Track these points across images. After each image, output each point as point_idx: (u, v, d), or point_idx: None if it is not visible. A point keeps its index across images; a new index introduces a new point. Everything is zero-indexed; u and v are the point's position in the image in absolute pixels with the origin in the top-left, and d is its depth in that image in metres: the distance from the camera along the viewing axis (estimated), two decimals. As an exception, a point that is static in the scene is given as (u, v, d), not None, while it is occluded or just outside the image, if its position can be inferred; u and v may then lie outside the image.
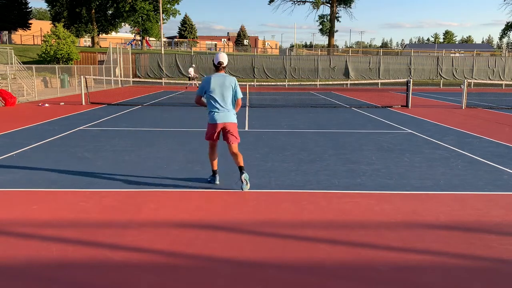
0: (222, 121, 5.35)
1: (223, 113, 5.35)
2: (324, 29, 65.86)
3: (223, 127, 5.38)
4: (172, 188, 5.55)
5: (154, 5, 51.96)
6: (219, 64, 5.41)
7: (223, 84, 5.33)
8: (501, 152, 8.01)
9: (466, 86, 17.06)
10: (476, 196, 5.32)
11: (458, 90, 28.63)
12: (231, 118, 5.41)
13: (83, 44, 64.77)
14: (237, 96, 5.46)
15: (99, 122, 11.70)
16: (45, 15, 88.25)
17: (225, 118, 5.36)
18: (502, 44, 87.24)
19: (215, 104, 5.35)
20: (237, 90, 5.44)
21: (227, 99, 5.37)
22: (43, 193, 5.27)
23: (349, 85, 33.72)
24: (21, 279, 3.19)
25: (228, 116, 5.37)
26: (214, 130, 5.42)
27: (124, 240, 3.89)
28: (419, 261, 3.54)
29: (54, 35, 31.11)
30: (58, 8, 50.90)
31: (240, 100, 5.52)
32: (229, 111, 5.40)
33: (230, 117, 5.40)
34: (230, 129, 5.39)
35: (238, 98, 5.48)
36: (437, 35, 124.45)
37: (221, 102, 5.34)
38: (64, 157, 7.34)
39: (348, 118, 13.15)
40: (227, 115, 5.37)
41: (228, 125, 5.38)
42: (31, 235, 4.00)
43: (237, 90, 5.43)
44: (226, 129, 5.39)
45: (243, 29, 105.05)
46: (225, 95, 5.34)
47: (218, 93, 5.32)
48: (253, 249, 3.74)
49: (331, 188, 5.63)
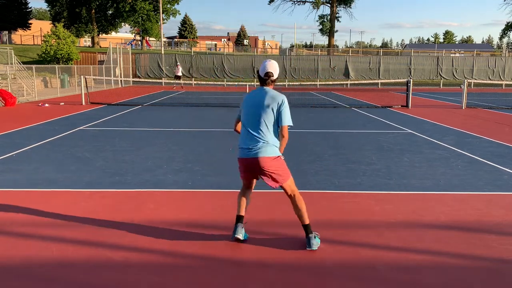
0: (248, 155, 3.69)
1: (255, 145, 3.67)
2: (324, 29, 65.88)
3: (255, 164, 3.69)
4: (172, 188, 5.55)
5: (154, 5, 51.98)
6: (266, 77, 3.75)
7: (261, 103, 3.68)
8: (501, 152, 8.01)
9: (466, 86, 17.06)
10: (476, 196, 5.32)
11: (458, 90, 28.62)
12: (264, 151, 3.65)
13: (83, 44, 64.77)
14: (282, 122, 3.67)
15: (99, 122, 11.70)
16: (45, 15, 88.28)
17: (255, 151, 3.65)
18: (502, 44, 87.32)
19: (244, 130, 3.78)
20: (283, 114, 3.66)
21: (261, 125, 3.67)
22: (43, 193, 5.27)
23: (349, 85, 33.72)
24: (21, 279, 3.18)
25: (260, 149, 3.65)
26: (242, 167, 3.84)
27: (124, 240, 3.89)
28: (419, 261, 3.54)
29: (54, 35, 31.12)
30: (58, 8, 50.93)
31: (285, 129, 3.70)
32: (265, 142, 3.66)
33: (263, 150, 3.65)
34: (265, 167, 3.66)
35: (282, 125, 3.68)
36: (437, 35, 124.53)
37: (252, 128, 3.70)
38: (64, 157, 7.34)
39: (348, 118, 13.14)
40: (260, 148, 3.65)
41: (261, 160, 3.65)
42: (31, 235, 4.00)
43: (282, 113, 3.66)
44: (261, 167, 3.67)
45: (243, 29, 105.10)
46: (260, 119, 3.67)
47: (250, 115, 3.72)
48: (253, 249, 3.74)
49: (331, 188, 5.63)
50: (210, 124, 11.59)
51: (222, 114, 14.02)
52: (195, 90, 27.30)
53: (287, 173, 3.79)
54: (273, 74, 3.75)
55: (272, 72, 3.75)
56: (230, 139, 9.31)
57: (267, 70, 3.74)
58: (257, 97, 3.73)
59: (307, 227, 3.80)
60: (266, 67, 3.75)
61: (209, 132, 10.17)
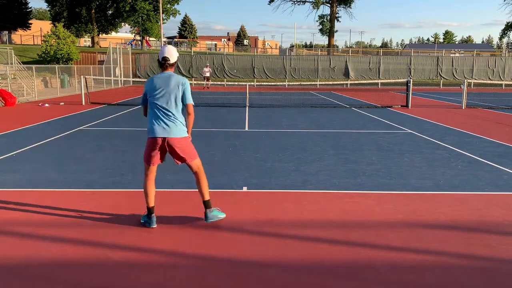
0: (163, 135, 4.01)
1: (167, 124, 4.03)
2: (324, 29, 65.91)
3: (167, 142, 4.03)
4: (172, 188, 5.55)
5: (154, 5, 51.97)
6: (163, 61, 4.10)
7: (167, 85, 4.04)
8: (501, 152, 8.01)
9: (466, 86, 17.06)
10: (476, 196, 5.32)
11: (458, 90, 28.62)
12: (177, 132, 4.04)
13: (83, 44, 64.75)
14: (186, 101, 4.06)
15: (99, 122, 11.70)
16: (45, 15, 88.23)
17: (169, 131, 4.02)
18: (502, 44, 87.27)
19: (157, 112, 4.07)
20: (186, 93, 4.06)
21: (171, 105, 4.04)
22: (43, 193, 5.27)
23: (349, 85, 33.71)
24: (21, 279, 3.18)
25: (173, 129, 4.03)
26: (154, 146, 4.06)
27: (124, 240, 3.89)
28: (419, 261, 3.54)
29: (54, 35, 31.11)
30: (58, 8, 50.88)
31: (191, 106, 4.10)
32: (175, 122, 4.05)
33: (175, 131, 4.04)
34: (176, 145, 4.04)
35: (187, 103, 4.07)
36: (437, 35, 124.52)
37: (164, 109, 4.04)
38: (64, 157, 7.34)
39: (348, 118, 13.14)
40: (172, 128, 4.03)
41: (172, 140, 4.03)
42: (31, 235, 4.00)
43: (185, 93, 4.06)
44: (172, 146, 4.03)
45: (243, 29, 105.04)
46: (170, 100, 4.03)
47: (160, 97, 4.04)
48: (253, 249, 3.74)
49: (331, 188, 5.63)
50: (210, 124, 11.58)
51: (222, 114, 14.02)
52: (195, 90, 27.30)
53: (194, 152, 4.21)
54: (169, 58, 4.10)
55: (168, 57, 4.09)
56: (230, 139, 9.32)
57: (163, 55, 4.09)
58: (164, 81, 4.05)
59: (207, 203, 4.25)
60: (163, 52, 4.11)
61: (208, 132, 10.17)
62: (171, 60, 4.11)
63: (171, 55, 4.11)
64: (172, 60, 4.12)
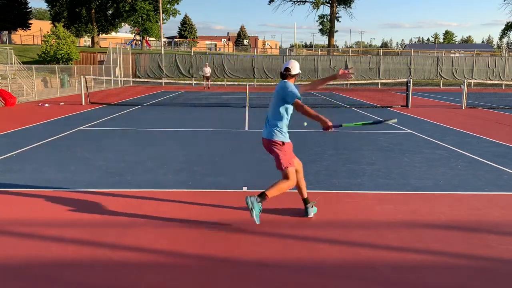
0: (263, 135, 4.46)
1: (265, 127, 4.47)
2: (324, 29, 65.92)
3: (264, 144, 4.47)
4: (172, 188, 5.55)
5: (154, 5, 51.97)
6: (285, 71, 4.54)
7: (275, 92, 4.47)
8: (501, 152, 8.01)
9: (466, 86, 17.06)
10: (476, 196, 5.32)
11: (458, 90, 28.62)
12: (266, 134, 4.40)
13: (83, 44, 64.73)
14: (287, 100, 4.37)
15: (99, 122, 11.70)
16: (45, 15, 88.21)
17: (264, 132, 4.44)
18: (502, 44, 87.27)
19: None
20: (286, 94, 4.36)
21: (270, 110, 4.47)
22: (44, 193, 5.27)
23: (349, 85, 33.71)
24: (21, 279, 3.19)
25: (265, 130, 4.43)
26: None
27: (125, 240, 3.89)
28: (419, 261, 3.54)
29: (54, 35, 31.11)
30: (58, 8, 50.88)
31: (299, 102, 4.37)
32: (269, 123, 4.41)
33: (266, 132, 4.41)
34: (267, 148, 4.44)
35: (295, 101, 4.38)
36: (437, 35, 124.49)
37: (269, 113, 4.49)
38: (64, 157, 7.34)
39: (348, 118, 13.14)
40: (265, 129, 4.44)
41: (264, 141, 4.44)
42: (31, 235, 4.00)
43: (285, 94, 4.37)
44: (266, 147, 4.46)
45: (243, 29, 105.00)
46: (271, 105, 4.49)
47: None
48: (253, 249, 3.74)
49: (331, 188, 5.63)
50: (210, 124, 11.58)
51: (222, 114, 14.02)
52: (195, 90, 27.30)
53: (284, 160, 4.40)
54: (290, 69, 4.53)
55: (289, 68, 4.54)
56: (230, 139, 9.32)
57: (286, 66, 4.57)
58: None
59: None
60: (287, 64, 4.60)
61: (209, 132, 10.17)
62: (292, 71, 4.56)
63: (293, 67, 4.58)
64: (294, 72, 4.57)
